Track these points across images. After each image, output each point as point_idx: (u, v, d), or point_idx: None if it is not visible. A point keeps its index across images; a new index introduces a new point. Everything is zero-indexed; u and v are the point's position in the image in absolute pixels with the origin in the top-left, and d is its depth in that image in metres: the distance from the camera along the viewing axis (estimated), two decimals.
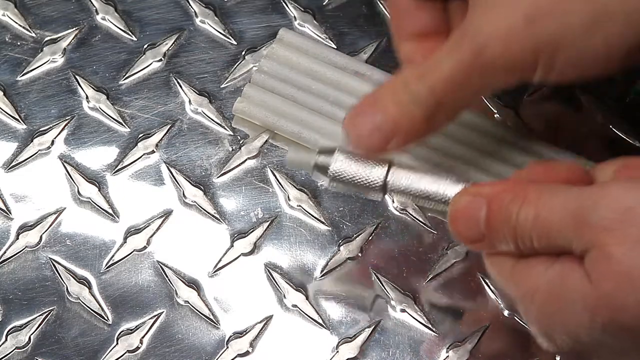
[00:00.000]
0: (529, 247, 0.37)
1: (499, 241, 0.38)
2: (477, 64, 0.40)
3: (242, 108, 0.52)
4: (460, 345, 0.48)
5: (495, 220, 0.38)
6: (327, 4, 0.56)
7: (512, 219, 0.37)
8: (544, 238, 0.37)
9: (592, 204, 0.36)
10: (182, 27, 0.55)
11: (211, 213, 0.51)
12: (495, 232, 0.38)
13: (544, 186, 0.38)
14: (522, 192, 0.38)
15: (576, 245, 0.36)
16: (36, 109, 0.53)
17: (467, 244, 0.40)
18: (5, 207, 0.51)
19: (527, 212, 0.37)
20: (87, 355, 0.48)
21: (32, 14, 0.55)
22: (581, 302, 0.36)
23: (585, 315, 0.36)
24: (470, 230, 0.39)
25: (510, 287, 0.39)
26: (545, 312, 0.37)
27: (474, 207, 0.39)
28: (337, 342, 0.48)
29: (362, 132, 0.42)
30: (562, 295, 0.37)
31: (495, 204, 0.38)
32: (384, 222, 0.51)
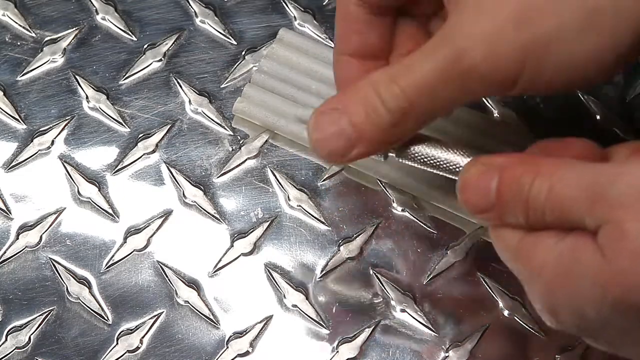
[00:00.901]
0: (540, 221, 0.37)
1: (509, 212, 0.38)
2: (456, 69, 0.38)
3: (242, 108, 0.52)
4: (460, 345, 0.48)
5: (507, 191, 0.37)
6: (327, 4, 0.56)
7: (524, 190, 0.37)
8: (556, 211, 0.36)
9: (610, 179, 0.35)
10: (182, 27, 0.55)
11: (211, 213, 0.51)
12: (506, 203, 0.38)
13: (559, 160, 0.37)
14: (536, 164, 0.37)
15: (590, 220, 0.35)
16: (36, 109, 0.53)
17: (475, 214, 0.39)
18: (5, 207, 0.51)
19: (540, 184, 0.36)
20: (87, 355, 0.48)
21: (32, 14, 0.55)
22: (592, 278, 0.35)
23: (595, 290, 0.35)
24: (480, 199, 0.38)
25: (517, 260, 0.38)
26: (552, 286, 0.37)
27: (485, 176, 0.38)
28: (337, 342, 0.48)
29: (323, 135, 0.40)
30: (572, 270, 0.36)
31: (508, 175, 0.38)
32: (384, 222, 0.51)
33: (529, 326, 0.49)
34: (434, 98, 0.38)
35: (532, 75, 0.37)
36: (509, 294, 0.49)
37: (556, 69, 0.37)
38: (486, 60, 0.37)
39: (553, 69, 0.37)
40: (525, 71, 0.37)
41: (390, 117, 0.39)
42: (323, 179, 0.52)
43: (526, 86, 0.38)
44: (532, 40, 0.37)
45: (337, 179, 0.52)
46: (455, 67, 0.37)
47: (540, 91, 0.38)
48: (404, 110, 0.38)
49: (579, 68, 0.37)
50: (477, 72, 0.37)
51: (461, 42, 0.37)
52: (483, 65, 0.37)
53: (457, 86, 0.38)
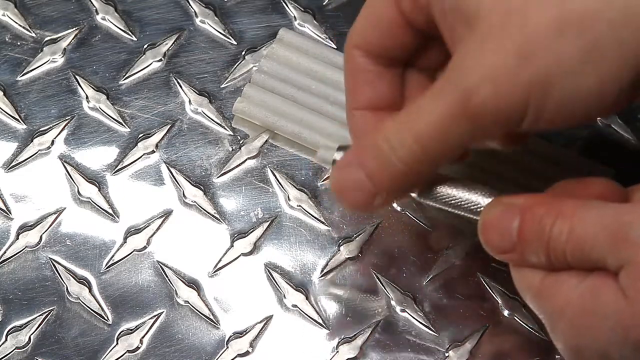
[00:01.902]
0: (561, 261, 0.37)
1: (530, 253, 0.38)
2: (465, 109, 0.37)
3: (242, 108, 0.52)
4: (460, 345, 0.48)
5: (528, 232, 0.37)
6: (327, 4, 0.56)
7: (546, 231, 0.37)
8: (578, 252, 0.36)
9: (632, 219, 0.35)
10: (182, 27, 0.55)
11: (211, 213, 0.51)
12: (527, 244, 0.38)
13: (580, 201, 0.37)
14: (557, 205, 0.37)
15: (611, 261, 0.35)
16: (36, 109, 0.53)
17: (496, 255, 0.39)
18: (5, 207, 0.51)
19: (562, 226, 0.36)
20: (87, 355, 0.48)
21: (32, 14, 0.55)
22: (614, 318, 0.35)
23: (618, 331, 0.35)
24: (502, 240, 0.38)
25: (539, 301, 0.38)
26: (575, 327, 0.37)
27: (507, 217, 0.38)
28: (337, 342, 0.48)
29: (344, 191, 0.41)
30: (595, 310, 0.36)
31: (529, 216, 0.38)
32: (384, 222, 0.51)
33: (529, 326, 0.49)
34: (445, 141, 0.38)
35: (537, 111, 0.37)
36: (509, 294, 0.49)
37: (559, 104, 0.36)
38: (493, 98, 0.36)
39: (556, 104, 0.36)
40: (530, 108, 0.36)
41: (403, 166, 0.39)
42: (323, 179, 0.52)
43: (531, 122, 0.37)
44: (535, 75, 0.36)
45: None
46: (464, 108, 0.37)
47: (546, 126, 0.38)
48: (416, 157, 0.38)
49: (582, 102, 0.37)
50: (486, 111, 0.37)
51: (467, 82, 0.37)
52: (491, 103, 0.36)
53: (467, 127, 0.37)
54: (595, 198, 0.38)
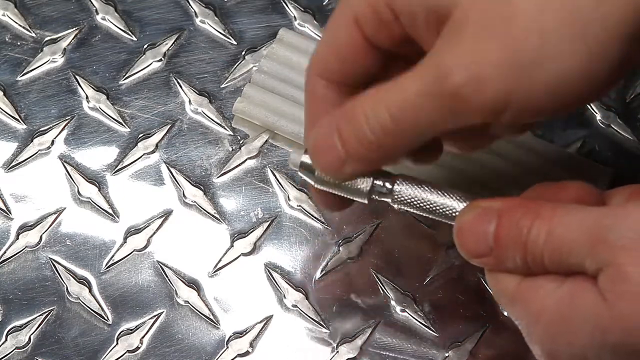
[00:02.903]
0: (538, 265, 0.37)
1: (506, 257, 0.37)
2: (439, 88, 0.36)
3: (242, 108, 0.52)
4: (460, 345, 0.48)
5: (505, 235, 0.37)
6: (327, 4, 0.56)
7: (523, 234, 0.36)
8: (556, 255, 0.36)
9: (611, 222, 0.35)
10: (182, 27, 0.55)
11: (211, 213, 0.51)
12: (503, 248, 0.37)
13: (558, 204, 0.37)
14: (534, 208, 0.37)
15: (590, 264, 0.35)
16: (36, 109, 0.53)
17: (471, 259, 0.39)
18: (5, 207, 0.51)
19: (539, 229, 0.36)
20: (87, 355, 0.48)
21: (32, 14, 0.55)
22: (593, 322, 0.35)
23: (595, 335, 0.35)
24: (477, 244, 0.38)
25: (515, 305, 0.38)
26: (551, 332, 0.36)
27: (483, 221, 0.38)
28: (337, 342, 0.48)
29: (318, 152, 0.40)
30: (572, 315, 0.36)
31: (506, 219, 0.37)
32: (384, 222, 0.51)
33: None
34: (418, 118, 0.37)
35: (523, 97, 0.36)
36: None
37: (547, 87, 0.36)
38: (471, 80, 0.35)
39: (544, 87, 0.36)
40: (514, 92, 0.36)
41: (375, 137, 0.38)
42: None
43: (519, 109, 0.36)
44: (517, 59, 0.35)
45: None
46: (438, 87, 0.36)
47: (534, 114, 0.37)
48: (386, 129, 0.38)
49: (571, 84, 0.36)
50: (461, 93, 0.36)
51: (445, 63, 0.36)
52: (467, 86, 0.35)
53: (441, 107, 0.36)
54: (571, 202, 0.37)
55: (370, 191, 0.42)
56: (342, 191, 0.42)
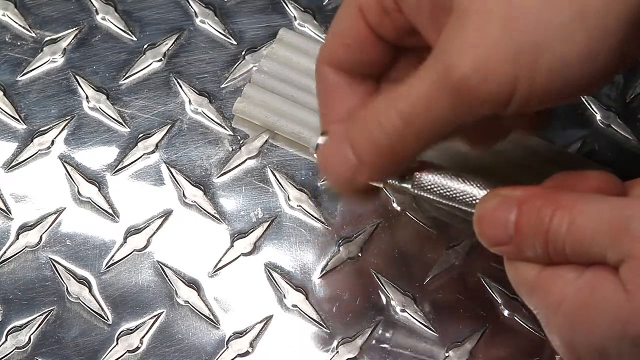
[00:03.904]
0: (559, 254, 0.36)
1: (527, 246, 0.37)
2: (447, 82, 0.36)
3: (242, 108, 0.52)
4: (460, 345, 0.48)
5: (526, 224, 0.37)
6: (327, 4, 0.56)
7: (544, 222, 0.36)
8: (577, 245, 0.36)
9: (634, 213, 0.35)
10: (182, 27, 0.55)
11: (211, 213, 0.51)
12: (524, 236, 0.37)
13: (579, 194, 0.37)
14: (556, 197, 0.37)
15: (611, 255, 0.35)
16: (36, 109, 0.53)
17: (491, 247, 0.38)
18: (5, 207, 0.51)
19: (561, 218, 0.36)
20: (87, 355, 0.48)
21: (32, 14, 0.55)
22: (613, 313, 0.35)
23: (616, 326, 0.35)
24: (497, 232, 0.38)
25: (534, 295, 0.38)
26: (571, 322, 0.36)
27: (503, 209, 0.38)
28: (337, 342, 0.48)
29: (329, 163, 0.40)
30: (593, 305, 0.36)
31: (527, 207, 0.37)
32: (384, 222, 0.51)
33: (529, 326, 0.49)
34: (429, 117, 0.37)
35: (527, 85, 0.36)
36: (509, 294, 0.49)
37: (550, 72, 0.35)
38: (477, 71, 0.35)
39: (547, 73, 0.35)
40: (519, 81, 0.35)
41: (387, 140, 0.38)
42: (323, 179, 0.52)
43: (524, 97, 0.36)
44: (521, 45, 0.35)
45: None
46: (445, 81, 0.36)
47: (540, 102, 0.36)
48: (399, 132, 0.38)
49: (574, 69, 0.36)
50: (469, 85, 0.35)
51: (449, 56, 0.36)
52: (474, 77, 0.35)
53: (450, 102, 0.36)
54: (592, 191, 0.37)
55: None
56: None
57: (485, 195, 0.40)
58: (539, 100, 0.36)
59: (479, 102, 0.36)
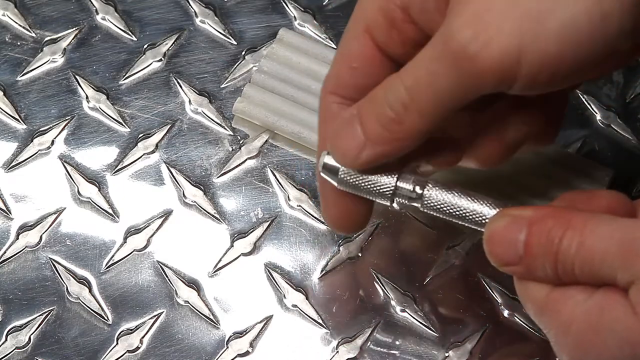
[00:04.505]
0: (569, 275, 0.36)
1: (536, 266, 0.37)
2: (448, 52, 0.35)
3: (242, 108, 0.52)
4: (460, 345, 0.48)
5: (536, 244, 0.37)
6: (327, 4, 0.56)
7: (554, 243, 0.36)
8: (587, 266, 0.36)
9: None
10: (182, 27, 0.55)
11: (211, 213, 0.51)
12: (534, 257, 0.37)
13: (590, 214, 0.37)
14: (566, 218, 0.36)
15: (622, 276, 0.35)
16: (36, 109, 0.53)
17: (500, 267, 0.38)
18: (5, 207, 0.51)
19: (571, 238, 0.36)
20: (87, 355, 0.48)
21: (32, 14, 0.55)
22: (623, 335, 0.35)
23: (625, 348, 0.35)
24: (507, 252, 0.38)
25: (544, 315, 0.38)
26: (581, 343, 0.36)
27: (513, 229, 0.37)
28: (337, 342, 0.48)
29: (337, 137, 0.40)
30: (602, 327, 0.35)
31: (537, 228, 0.37)
32: (384, 222, 0.51)
33: (529, 326, 0.49)
34: (433, 89, 0.37)
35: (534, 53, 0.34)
36: (509, 294, 0.49)
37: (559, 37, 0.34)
38: (476, 38, 0.34)
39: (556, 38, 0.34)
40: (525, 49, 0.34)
41: (393, 113, 0.38)
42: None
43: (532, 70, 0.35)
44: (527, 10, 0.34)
45: None
46: (446, 50, 0.35)
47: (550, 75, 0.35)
48: (405, 105, 0.37)
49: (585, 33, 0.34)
50: (469, 52, 0.35)
51: (451, 26, 0.35)
52: (473, 43, 0.34)
53: (452, 72, 0.36)
54: (602, 211, 0.37)
55: (394, 193, 0.41)
56: (365, 194, 0.42)
57: (495, 215, 0.39)
58: (550, 72, 0.35)
59: (480, 73, 0.35)
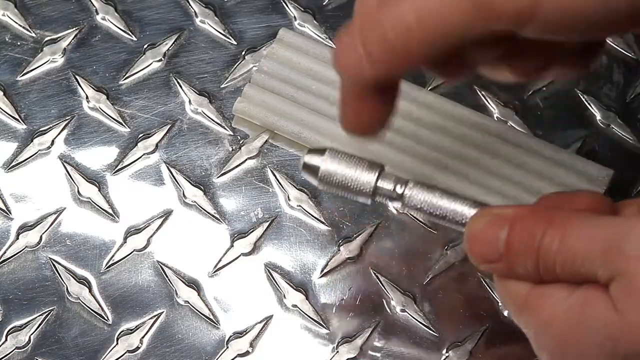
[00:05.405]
0: (550, 272, 0.36)
1: (517, 264, 0.37)
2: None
3: (242, 108, 0.52)
4: (460, 345, 0.48)
5: (517, 241, 0.37)
6: (327, 4, 0.56)
7: (535, 240, 0.36)
8: (568, 263, 0.36)
9: (625, 232, 0.35)
10: (182, 27, 0.55)
11: (211, 213, 0.51)
12: (515, 254, 0.37)
13: (571, 212, 0.37)
14: (547, 216, 0.37)
15: (602, 273, 0.35)
16: (36, 109, 0.53)
17: (481, 265, 0.38)
18: (5, 207, 0.51)
19: (553, 236, 0.36)
20: (87, 355, 0.48)
21: (32, 14, 0.55)
22: (604, 332, 0.35)
23: (606, 345, 0.35)
24: (488, 249, 0.38)
25: (524, 314, 0.38)
26: (561, 341, 0.36)
27: (494, 227, 0.37)
28: (337, 342, 0.48)
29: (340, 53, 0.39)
30: (583, 324, 0.36)
31: (519, 226, 0.37)
32: (384, 222, 0.51)
33: None
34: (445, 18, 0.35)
35: None
36: None
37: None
38: None
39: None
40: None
41: (400, 34, 0.36)
42: None
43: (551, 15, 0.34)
44: None
45: None
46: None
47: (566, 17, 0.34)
48: (409, 26, 0.36)
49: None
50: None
51: None
52: None
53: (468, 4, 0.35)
54: (584, 210, 0.37)
55: (374, 193, 0.41)
56: (345, 192, 0.42)
57: (476, 214, 0.40)
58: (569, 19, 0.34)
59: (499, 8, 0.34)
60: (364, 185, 0.41)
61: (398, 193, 0.41)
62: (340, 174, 0.42)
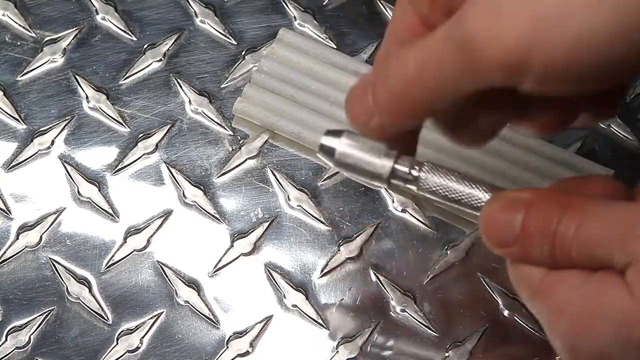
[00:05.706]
0: (566, 257, 0.36)
1: (533, 248, 0.37)
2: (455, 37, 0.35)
3: (242, 108, 0.52)
4: (460, 345, 0.48)
5: (533, 225, 0.37)
6: (327, 4, 0.56)
7: (552, 224, 0.36)
8: (584, 247, 0.35)
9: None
10: (182, 27, 0.55)
11: (211, 213, 0.51)
12: (531, 238, 0.37)
13: (588, 197, 0.37)
14: (565, 200, 0.36)
15: (619, 258, 0.35)
16: (36, 109, 0.53)
17: (496, 248, 0.38)
18: (5, 207, 0.51)
19: (570, 220, 0.36)
20: (87, 355, 0.48)
21: (32, 14, 0.55)
22: (619, 317, 0.35)
23: (621, 330, 0.35)
24: (503, 233, 0.37)
25: (538, 299, 0.37)
26: (575, 326, 0.36)
27: (510, 210, 0.37)
28: (337, 342, 0.48)
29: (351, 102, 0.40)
30: (597, 310, 0.35)
31: (535, 209, 0.37)
32: (384, 222, 0.51)
33: (529, 326, 0.49)
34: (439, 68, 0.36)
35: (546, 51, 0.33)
36: (509, 294, 0.49)
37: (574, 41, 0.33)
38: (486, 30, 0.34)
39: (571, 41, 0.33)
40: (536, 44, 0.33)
41: (401, 87, 0.37)
42: (323, 179, 0.52)
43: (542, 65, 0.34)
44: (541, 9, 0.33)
45: (337, 179, 0.52)
46: (455, 36, 0.35)
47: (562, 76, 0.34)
48: (412, 79, 0.37)
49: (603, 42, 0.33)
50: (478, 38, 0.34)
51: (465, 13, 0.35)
52: (483, 34, 0.34)
53: (459, 57, 0.35)
54: (599, 196, 0.37)
55: (390, 175, 0.41)
56: (362, 175, 0.42)
57: (492, 197, 0.39)
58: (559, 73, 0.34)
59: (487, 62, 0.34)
60: (380, 167, 0.41)
61: (414, 175, 0.41)
62: (357, 156, 0.41)
